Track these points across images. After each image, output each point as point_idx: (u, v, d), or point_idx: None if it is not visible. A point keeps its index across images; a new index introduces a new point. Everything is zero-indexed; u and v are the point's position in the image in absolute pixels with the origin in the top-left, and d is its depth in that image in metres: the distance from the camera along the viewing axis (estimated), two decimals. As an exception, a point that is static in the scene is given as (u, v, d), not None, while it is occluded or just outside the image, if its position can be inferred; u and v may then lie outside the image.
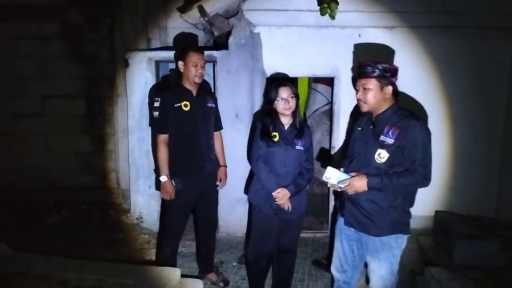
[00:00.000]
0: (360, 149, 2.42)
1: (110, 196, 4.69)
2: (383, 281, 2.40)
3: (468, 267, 3.19)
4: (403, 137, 2.21)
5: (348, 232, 2.49)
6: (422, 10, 3.88)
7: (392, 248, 2.33)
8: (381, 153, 2.27)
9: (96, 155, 4.76)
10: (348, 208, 2.46)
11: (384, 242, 2.33)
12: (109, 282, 2.42)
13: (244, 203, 4.11)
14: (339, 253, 2.56)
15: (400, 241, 2.35)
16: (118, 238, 4.01)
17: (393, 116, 2.30)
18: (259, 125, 2.81)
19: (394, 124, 2.26)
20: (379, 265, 2.37)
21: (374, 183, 2.25)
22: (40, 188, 4.68)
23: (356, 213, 2.40)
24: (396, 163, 2.25)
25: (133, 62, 4.06)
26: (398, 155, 2.24)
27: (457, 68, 3.98)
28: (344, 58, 4.01)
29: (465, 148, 4.07)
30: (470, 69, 3.98)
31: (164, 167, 2.99)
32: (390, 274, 2.38)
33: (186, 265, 3.63)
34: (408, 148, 2.20)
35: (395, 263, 2.39)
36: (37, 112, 4.68)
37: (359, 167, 2.37)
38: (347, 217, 2.47)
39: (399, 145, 2.22)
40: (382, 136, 2.27)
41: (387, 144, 2.25)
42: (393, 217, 2.30)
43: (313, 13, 3.82)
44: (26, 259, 2.72)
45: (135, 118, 4.12)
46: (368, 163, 2.32)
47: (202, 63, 3.00)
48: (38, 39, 4.59)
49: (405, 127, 2.22)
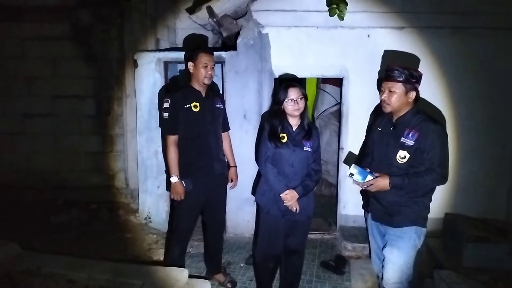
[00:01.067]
0: (381, 150, 2.58)
1: (119, 196, 4.72)
2: (400, 272, 2.49)
3: (478, 270, 3.17)
4: (422, 140, 2.37)
5: (377, 226, 2.67)
6: (432, 10, 3.85)
7: (411, 238, 2.47)
8: (402, 154, 2.43)
9: (105, 155, 4.78)
10: (372, 204, 2.65)
11: (405, 231, 2.47)
12: (117, 282, 2.44)
13: (252, 204, 4.12)
14: (373, 248, 2.77)
15: (419, 233, 2.49)
16: (126, 238, 4.03)
17: (412, 119, 2.45)
18: (267, 126, 2.80)
19: (414, 126, 2.42)
20: (398, 255, 2.48)
21: (396, 182, 2.43)
22: (49, 188, 4.71)
23: (380, 208, 2.58)
24: (416, 163, 2.41)
25: (142, 62, 4.08)
26: (418, 156, 2.40)
27: (467, 68, 3.93)
28: (353, 59, 3.99)
29: (475, 150, 4.02)
30: (480, 70, 3.93)
31: (175, 168, 3.00)
32: (407, 267, 2.49)
33: (193, 266, 3.64)
34: (427, 150, 2.37)
35: (412, 257, 2.49)
36: (46, 112, 4.72)
37: (381, 167, 2.54)
38: (373, 213, 2.68)
39: (418, 147, 2.38)
40: (402, 138, 2.43)
41: (408, 145, 2.41)
42: (414, 210, 2.47)
43: (321, 14, 3.80)
44: (36, 258, 2.75)
45: (143, 119, 4.14)
46: (390, 163, 2.49)
47: (212, 64, 3.01)
48: (48, 39, 4.62)
49: (424, 130, 2.38)
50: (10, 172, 4.75)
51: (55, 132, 4.75)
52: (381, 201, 2.56)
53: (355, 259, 3.78)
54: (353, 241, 3.90)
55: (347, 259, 3.79)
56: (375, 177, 2.49)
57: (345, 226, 4.20)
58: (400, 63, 2.50)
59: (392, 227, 2.51)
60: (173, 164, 3.01)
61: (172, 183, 3.01)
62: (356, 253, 3.84)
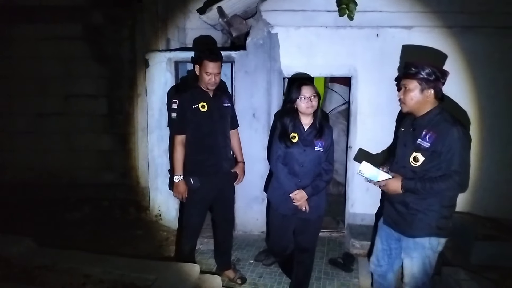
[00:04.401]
0: (400, 151, 2.47)
1: (130, 193, 4.78)
2: (414, 279, 2.44)
3: (486, 268, 3.17)
4: (439, 142, 2.21)
5: (387, 231, 2.57)
6: (442, 10, 3.85)
7: (425, 249, 2.37)
8: (416, 156, 2.30)
9: (117, 154, 4.85)
10: (386, 207, 2.56)
11: (417, 242, 2.37)
12: (131, 277, 2.50)
13: (261, 202, 4.16)
14: (377, 248, 2.67)
15: (435, 243, 2.36)
16: (138, 235, 4.09)
17: (433, 120, 2.29)
18: (279, 126, 2.82)
19: (432, 128, 2.26)
20: (411, 264, 2.43)
21: (409, 186, 2.29)
22: (63, 185, 4.80)
23: (393, 213, 2.48)
24: (432, 167, 2.26)
25: (153, 62, 4.14)
26: (435, 159, 2.24)
27: (477, 68, 3.93)
28: (361, 58, 4.01)
29: (484, 149, 4.01)
30: (490, 69, 3.92)
31: (179, 167, 3.05)
32: (422, 274, 2.41)
33: (204, 262, 3.69)
34: (445, 153, 2.20)
35: (428, 264, 2.41)
36: (60, 111, 4.81)
37: (398, 168, 2.44)
38: (386, 217, 2.57)
39: (435, 150, 2.23)
40: (419, 140, 2.29)
41: (423, 147, 2.27)
42: (428, 221, 2.33)
43: (330, 14, 3.84)
44: (51, 254, 2.83)
45: (154, 118, 4.21)
46: (404, 165, 2.37)
47: (216, 72, 2.97)
48: (61, 40, 4.71)
49: (442, 132, 2.22)
50: (25, 171, 4.85)
51: (68, 131, 4.84)
52: (395, 205, 2.45)
53: (363, 257, 3.80)
54: (361, 239, 3.92)
55: (355, 256, 3.82)
56: (389, 178, 2.39)
57: (353, 224, 4.23)
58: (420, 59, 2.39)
59: (404, 236, 2.42)
60: (178, 163, 3.05)
61: (175, 183, 3.05)
62: (364, 251, 3.86)
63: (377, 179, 2.43)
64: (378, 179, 2.42)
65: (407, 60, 2.42)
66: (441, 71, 2.31)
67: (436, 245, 2.38)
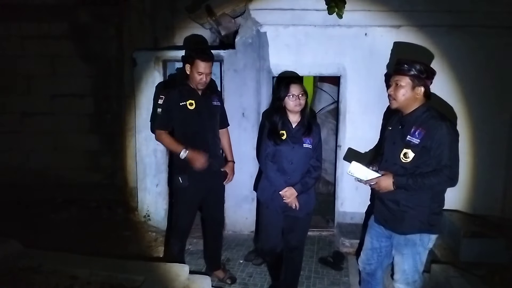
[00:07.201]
0: (389, 149, 2.50)
1: (118, 194, 4.72)
2: (405, 276, 2.46)
3: (474, 265, 3.20)
4: (429, 138, 2.24)
5: (378, 229, 2.58)
6: (429, 9, 3.88)
7: (416, 245, 2.40)
8: (406, 152, 2.33)
9: (104, 154, 4.80)
10: (377, 206, 2.57)
11: (409, 239, 2.40)
12: (119, 278, 2.45)
13: (251, 201, 4.15)
14: (367, 247, 2.68)
15: (425, 240, 2.40)
16: (126, 236, 4.05)
17: (421, 117, 2.33)
18: (268, 124, 2.84)
19: (421, 124, 2.30)
20: (402, 260, 2.45)
21: (400, 182, 2.31)
22: (49, 186, 4.72)
23: (384, 210, 2.49)
24: (422, 163, 2.29)
25: (141, 61, 4.10)
26: (424, 155, 2.28)
27: (464, 67, 3.97)
28: (350, 57, 4.03)
29: (471, 147, 4.06)
30: (477, 69, 3.97)
31: (178, 145, 2.99)
32: (412, 271, 2.44)
33: (193, 263, 3.66)
34: (434, 148, 2.24)
35: (419, 260, 2.44)
36: (45, 110, 4.73)
37: (388, 166, 2.45)
38: (376, 215, 2.59)
39: (425, 145, 2.26)
40: (408, 136, 2.32)
41: (413, 144, 2.30)
42: (419, 217, 2.36)
43: (319, 12, 3.84)
44: (37, 255, 2.75)
45: (142, 117, 4.16)
46: (395, 162, 2.39)
47: (208, 72, 2.97)
48: (47, 38, 4.63)
49: (431, 128, 2.25)
50: (10, 171, 4.75)
51: (54, 131, 4.76)
52: (385, 203, 2.47)
53: (353, 255, 3.82)
54: (350, 238, 3.93)
55: (345, 255, 3.83)
56: (379, 176, 2.40)
57: (342, 223, 4.24)
58: (410, 57, 2.42)
59: (396, 233, 2.45)
60: (174, 143, 3.01)
61: (188, 157, 2.95)
62: (353, 249, 3.87)
63: (367, 178, 2.44)
64: (368, 178, 2.44)
65: (399, 57, 2.46)
66: (431, 70, 2.36)
67: (427, 242, 2.41)
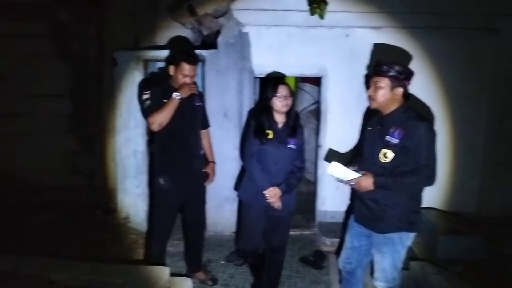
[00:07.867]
0: (369, 149, 2.52)
1: (97, 195, 4.65)
2: (385, 274, 2.51)
3: (452, 261, 3.26)
4: (408, 138, 2.28)
5: (358, 228, 2.61)
6: (409, 10, 3.96)
7: (395, 244, 2.44)
8: (386, 152, 2.36)
9: (83, 155, 4.71)
10: (357, 205, 2.60)
11: (388, 238, 2.43)
12: (99, 282, 2.43)
13: (232, 202, 4.14)
14: (347, 246, 2.70)
15: (404, 238, 2.44)
16: (106, 238, 3.98)
17: (400, 117, 2.37)
18: (254, 123, 2.84)
19: (400, 125, 2.33)
20: (382, 258, 2.49)
21: (380, 182, 2.34)
22: (26, 189, 4.60)
23: (363, 210, 2.52)
24: (401, 163, 2.32)
25: (121, 61, 4.04)
26: (404, 155, 2.31)
27: (443, 68, 4.06)
28: (332, 58, 4.07)
29: (448, 147, 4.15)
30: (454, 69, 4.06)
31: (170, 100, 2.87)
32: (391, 268, 2.49)
33: (174, 265, 3.61)
34: (413, 148, 2.28)
35: (397, 258, 2.48)
36: (22, 111, 4.61)
37: (368, 166, 2.47)
38: (356, 214, 2.61)
39: (404, 146, 2.30)
40: (387, 136, 2.35)
41: (392, 144, 2.33)
42: (398, 216, 2.39)
43: (302, 13, 3.87)
44: (12, 260, 2.69)
45: (122, 117, 4.10)
46: (375, 162, 2.42)
47: (192, 74, 2.97)
48: (25, 37, 4.51)
49: (410, 128, 2.29)
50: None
51: (31, 132, 4.65)
52: (365, 202, 2.50)
53: (334, 254, 3.85)
54: (331, 237, 3.97)
55: (325, 254, 3.86)
56: (359, 176, 2.42)
57: (323, 222, 4.27)
58: (390, 58, 2.47)
59: (375, 232, 2.47)
60: (165, 106, 2.87)
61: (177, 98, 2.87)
62: (334, 248, 3.90)
63: (347, 178, 2.46)
64: (349, 178, 2.45)
65: (378, 58, 2.50)
66: (410, 71, 2.40)
67: (406, 240, 2.45)
